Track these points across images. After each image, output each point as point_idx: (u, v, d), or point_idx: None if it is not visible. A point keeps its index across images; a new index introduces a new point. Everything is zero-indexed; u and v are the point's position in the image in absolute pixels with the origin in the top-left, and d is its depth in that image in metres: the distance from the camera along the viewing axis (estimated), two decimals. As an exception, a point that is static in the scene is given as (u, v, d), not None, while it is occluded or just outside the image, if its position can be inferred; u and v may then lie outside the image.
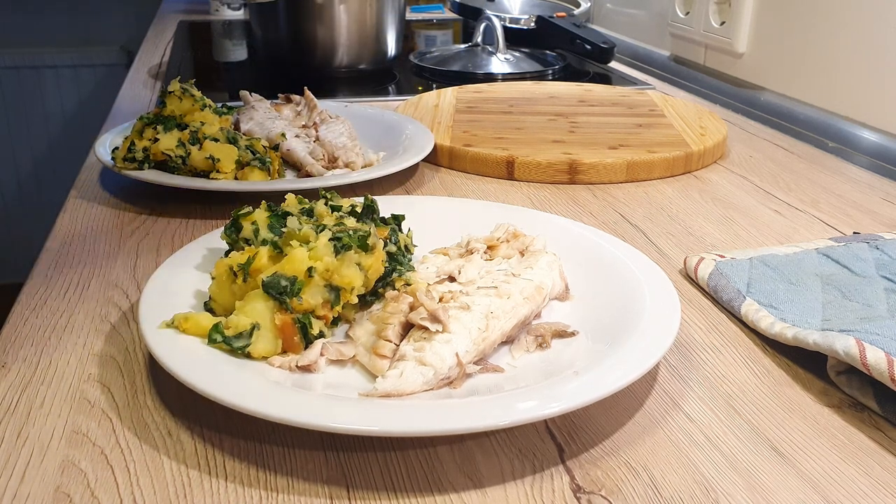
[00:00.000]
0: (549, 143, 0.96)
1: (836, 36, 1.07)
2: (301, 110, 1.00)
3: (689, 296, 0.65)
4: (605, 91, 1.22)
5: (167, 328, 0.51)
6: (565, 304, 0.60)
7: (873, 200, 0.86)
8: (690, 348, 0.58)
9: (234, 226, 0.59)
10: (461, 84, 1.26)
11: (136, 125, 0.84)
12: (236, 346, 0.50)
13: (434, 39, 1.79)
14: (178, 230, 0.75)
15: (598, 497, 0.43)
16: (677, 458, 0.46)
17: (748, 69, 1.26)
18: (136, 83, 1.33)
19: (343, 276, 0.53)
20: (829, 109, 1.09)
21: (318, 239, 0.53)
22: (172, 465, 0.45)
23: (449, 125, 1.02)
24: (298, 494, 0.43)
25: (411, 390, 0.48)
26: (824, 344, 0.52)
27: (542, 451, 0.46)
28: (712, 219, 0.80)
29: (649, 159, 0.91)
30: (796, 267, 0.65)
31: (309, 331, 0.52)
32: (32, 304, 0.62)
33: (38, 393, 0.51)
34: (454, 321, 0.52)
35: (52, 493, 0.42)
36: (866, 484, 0.44)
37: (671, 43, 1.47)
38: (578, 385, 0.47)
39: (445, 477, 0.44)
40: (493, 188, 0.88)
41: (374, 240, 0.54)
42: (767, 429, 0.49)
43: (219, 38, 1.77)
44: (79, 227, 0.75)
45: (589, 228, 0.68)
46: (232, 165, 0.80)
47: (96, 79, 2.59)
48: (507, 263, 0.60)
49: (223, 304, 0.54)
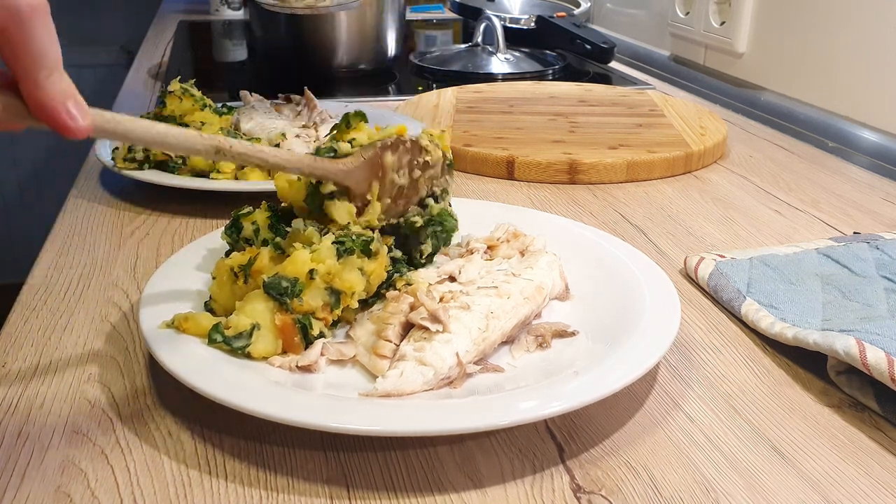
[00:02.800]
0: (549, 143, 0.96)
1: (836, 36, 1.07)
2: (301, 110, 1.00)
3: (689, 296, 0.65)
4: (605, 91, 1.22)
5: (167, 328, 0.51)
6: (565, 304, 0.60)
7: (873, 200, 0.86)
8: (690, 348, 0.58)
9: (234, 226, 0.58)
10: (461, 84, 1.26)
11: (136, 125, 0.84)
12: (236, 347, 0.50)
13: (434, 39, 1.79)
14: (178, 230, 0.75)
15: (598, 497, 0.43)
16: (677, 458, 0.46)
17: (748, 69, 1.26)
18: (136, 83, 1.33)
19: (344, 280, 0.53)
20: (829, 109, 1.09)
21: (321, 241, 0.53)
22: (172, 465, 0.45)
23: (449, 125, 1.02)
24: (298, 494, 0.43)
25: (411, 390, 0.48)
26: (824, 344, 0.52)
27: (542, 451, 0.46)
28: (712, 219, 0.80)
29: (649, 159, 0.91)
30: (796, 267, 0.65)
31: (309, 331, 0.52)
32: (32, 304, 0.62)
33: (38, 393, 0.51)
34: (454, 321, 0.52)
35: (52, 493, 0.42)
36: (866, 484, 0.44)
37: (671, 43, 1.47)
38: (578, 385, 0.47)
39: (445, 477, 0.44)
40: (493, 188, 0.88)
41: (377, 245, 0.54)
42: (767, 429, 0.49)
43: (219, 38, 1.77)
44: (79, 227, 0.75)
45: (589, 228, 0.68)
46: (232, 165, 0.80)
47: (96, 79, 2.59)
48: (507, 263, 0.60)
49: (223, 305, 0.54)
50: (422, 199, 0.60)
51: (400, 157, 0.56)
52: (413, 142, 0.58)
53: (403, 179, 0.57)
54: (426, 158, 0.58)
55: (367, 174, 0.55)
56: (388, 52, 1.38)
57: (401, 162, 0.57)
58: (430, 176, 0.59)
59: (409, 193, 0.58)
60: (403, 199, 0.58)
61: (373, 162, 0.55)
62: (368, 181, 0.55)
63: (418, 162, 0.58)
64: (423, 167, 0.58)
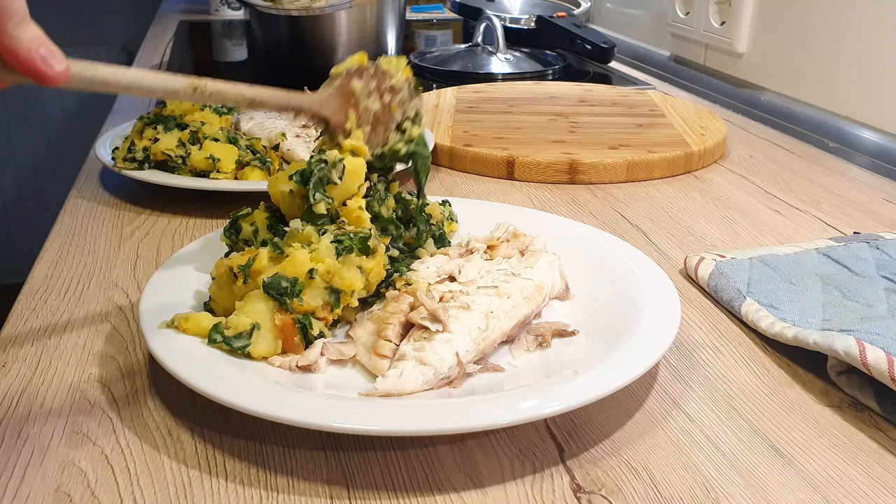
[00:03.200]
0: (549, 142, 0.96)
1: (836, 36, 1.07)
2: (301, 110, 1.00)
3: (689, 296, 0.65)
4: (605, 91, 1.22)
5: (167, 328, 0.51)
6: (565, 304, 0.60)
7: (873, 200, 0.86)
8: (690, 348, 0.58)
9: (233, 227, 0.58)
10: (461, 84, 1.26)
11: (136, 125, 0.84)
12: (236, 347, 0.50)
13: (434, 39, 1.79)
14: (178, 230, 0.75)
15: (598, 497, 0.43)
16: (677, 458, 0.46)
17: (748, 69, 1.26)
18: (136, 83, 1.32)
19: (344, 278, 0.53)
20: (829, 109, 1.09)
21: (320, 241, 0.53)
22: (172, 465, 0.45)
23: (449, 125, 1.02)
24: (298, 494, 0.43)
25: (411, 390, 0.48)
26: (824, 344, 0.52)
27: (542, 451, 0.46)
28: (712, 219, 0.80)
29: (649, 159, 0.91)
30: (796, 267, 0.65)
31: (309, 331, 0.52)
32: (32, 304, 0.62)
33: (38, 393, 0.51)
34: (454, 321, 0.52)
35: (52, 493, 0.42)
36: (866, 484, 0.44)
37: (671, 43, 1.47)
38: (578, 384, 0.47)
39: (445, 477, 0.44)
40: (493, 188, 0.88)
41: (374, 242, 0.55)
42: (767, 429, 0.49)
43: (219, 38, 1.77)
44: (79, 227, 0.75)
45: (589, 228, 0.68)
46: (232, 165, 0.80)
47: (96, 79, 2.59)
48: (507, 263, 0.60)
49: (223, 305, 0.54)
50: (399, 125, 0.62)
51: (367, 82, 0.59)
52: (375, 67, 0.60)
53: (376, 105, 0.59)
54: (391, 83, 0.60)
55: (340, 102, 0.57)
56: (388, 52, 1.38)
57: (369, 87, 0.59)
58: (399, 100, 0.61)
59: (385, 119, 0.60)
60: (382, 125, 0.60)
61: (343, 90, 0.58)
62: (344, 110, 0.57)
63: (385, 86, 0.60)
64: (391, 91, 0.60)
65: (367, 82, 0.58)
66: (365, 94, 0.58)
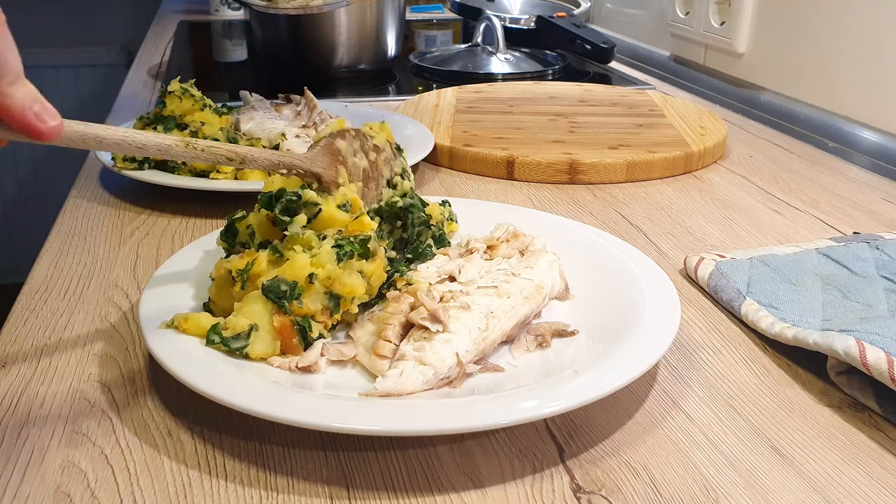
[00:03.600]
0: (549, 142, 0.96)
1: (836, 36, 1.07)
2: (301, 110, 1.00)
3: (689, 296, 0.65)
4: (605, 91, 1.22)
5: (167, 328, 0.51)
6: (565, 304, 0.60)
7: (873, 200, 0.86)
8: (690, 348, 0.58)
9: (229, 230, 0.58)
10: (461, 84, 1.26)
11: (136, 125, 0.84)
12: (234, 347, 0.50)
13: (434, 39, 1.79)
14: (178, 230, 0.75)
15: (598, 497, 0.43)
16: (677, 458, 0.46)
17: (748, 69, 1.26)
18: (136, 83, 1.33)
19: (345, 284, 0.53)
20: (829, 109, 1.09)
21: (320, 246, 0.53)
22: (172, 465, 0.45)
23: (449, 125, 1.02)
24: (298, 494, 0.43)
25: (411, 390, 0.48)
26: (824, 344, 0.52)
27: (542, 451, 0.46)
28: (712, 219, 0.80)
29: (649, 159, 0.91)
30: (796, 267, 0.65)
31: (308, 334, 0.52)
32: (32, 304, 0.62)
33: (38, 393, 0.51)
34: (454, 321, 0.52)
35: (52, 493, 0.42)
36: (866, 484, 0.44)
37: (671, 43, 1.47)
38: (578, 384, 0.47)
39: (445, 477, 0.44)
40: (493, 188, 0.88)
41: (374, 244, 0.54)
42: (767, 429, 0.49)
43: (219, 38, 1.77)
44: (79, 227, 0.75)
45: (589, 228, 0.68)
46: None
47: (96, 79, 2.59)
48: (507, 263, 0.60)
49: (223, 306, 0.54)
50: (389, 181, 0.64)
51: (350, 142, 0.61)
52: (356, 130, 0.63)
53: (363, 162, 0.61)
54: (374, 143, 0.63)
55: (329, 160, 0.59)
56: (388, 53, 1.38)
57: (353, 146, 0.61)
58: (385, 158, 0.64)
59: (374, 175, 0.62)
60: (373, 181, 0.62)
61: (329, 149, 0.59)
62: (333, 166, 0.59)
63: (368, 145, 0.62)
64: (375, 150, 0.63)
65: (350, 142, 0.61)
66: (350, 152, 0.60)
